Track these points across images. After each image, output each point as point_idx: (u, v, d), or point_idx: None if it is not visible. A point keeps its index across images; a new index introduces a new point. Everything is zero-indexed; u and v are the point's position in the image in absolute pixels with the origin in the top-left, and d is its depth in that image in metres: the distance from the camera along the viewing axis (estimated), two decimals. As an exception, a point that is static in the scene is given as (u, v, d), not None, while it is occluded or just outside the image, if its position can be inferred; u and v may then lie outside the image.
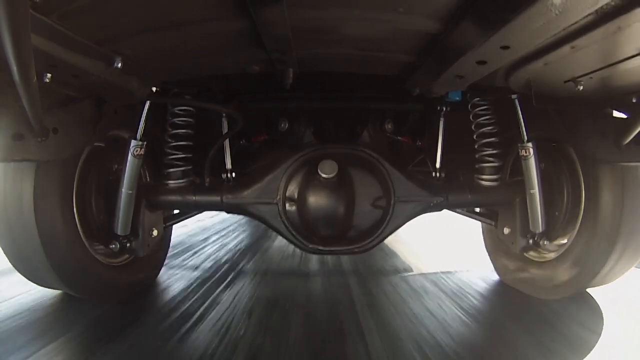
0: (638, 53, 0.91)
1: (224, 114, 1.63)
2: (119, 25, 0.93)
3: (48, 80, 1.02)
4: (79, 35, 0.90)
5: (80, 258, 1.46)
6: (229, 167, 1.65)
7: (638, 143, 1.30)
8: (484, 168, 1.67)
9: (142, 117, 1.47)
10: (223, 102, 1.65)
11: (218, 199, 1.58)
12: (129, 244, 1.57)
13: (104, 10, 0.84)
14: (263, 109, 1.79)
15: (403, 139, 1.86)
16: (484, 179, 1.67)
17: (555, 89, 1.22)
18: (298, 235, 1.56)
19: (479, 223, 2.08)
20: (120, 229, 1.51)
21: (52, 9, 0.79)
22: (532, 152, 1.52)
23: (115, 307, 1.58)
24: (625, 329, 1.40)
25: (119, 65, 1.05)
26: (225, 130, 1.63)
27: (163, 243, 1.99)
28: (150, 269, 1.90)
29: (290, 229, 1.55)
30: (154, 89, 1.44)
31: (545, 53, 0.98)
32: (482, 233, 2.17)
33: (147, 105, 1.47)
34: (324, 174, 1.53)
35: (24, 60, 0.75)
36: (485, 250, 2.12)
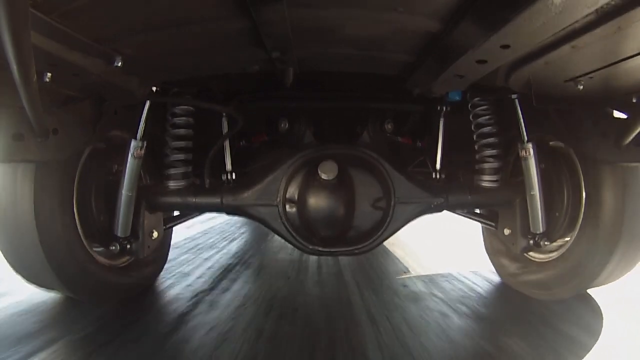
0: (638, 53, 0.91)
1: (224, 114, 1.62)
2: (119, 24, 0.93)
3: (48, 80, 1.02)
4: (79, 34, 0.90)
5: (81, 260, 1.45)
6: (229, 168, 1.65)
7: (638, 143, 1.30)
8: (484, 169, 1.66)
9: (142, 117, 1.47)
10: (223, 102, 1.65)
11: (218, 201, 1.58)
12: (129, 246, 1.56)
13: (104, 9, 0.84)
14: (263, 109, 1.79)
15: (403, 140, 1.85)
16: (484, 180, 1.66)
17: (556, 89, 1.22)
18: (298, 237, 1.55)
19: (478, 225, 2.07)
20: (120, 231, 1.51)
21: (52, 8, 0.79)
22: (532, 152, 1.52)
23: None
24: (628, 329, 1.40)
25: (119, 64, 1.05)
26: (225, 131, 1.63)
27: (163, 244, 1.98)
28: (151, 271, 1.90)
29: (291, 231, 1.55)
30: (154, 89, 1.44)
31: (546, 52, 0.98)
32: (482, 234, 2.16)
33: (147, 105, 1.47)
34: (324, 176, 1.53)
35: (24, 59, 0.74)
36: (485, 251, 2.12)
